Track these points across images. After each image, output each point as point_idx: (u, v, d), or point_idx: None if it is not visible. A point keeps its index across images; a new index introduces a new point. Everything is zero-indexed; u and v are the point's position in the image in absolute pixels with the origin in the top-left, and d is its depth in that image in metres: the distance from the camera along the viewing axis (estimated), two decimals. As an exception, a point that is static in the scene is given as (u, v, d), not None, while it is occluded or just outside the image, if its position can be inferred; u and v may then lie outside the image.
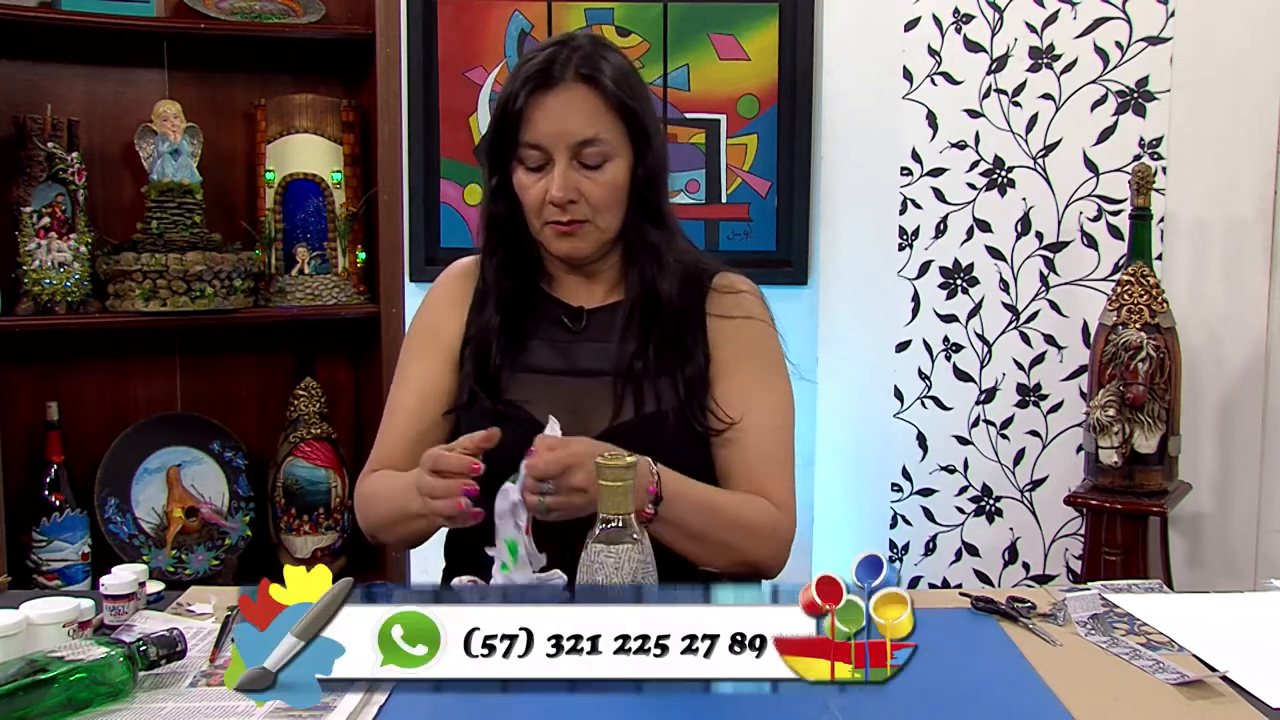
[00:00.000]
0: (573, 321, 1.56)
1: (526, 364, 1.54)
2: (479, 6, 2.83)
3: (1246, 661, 1.23)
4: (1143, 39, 2.62)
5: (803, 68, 2.83)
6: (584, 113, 1.46)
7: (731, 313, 1.56)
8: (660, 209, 1.54)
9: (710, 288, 1.58)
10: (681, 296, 1.54)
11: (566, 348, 1.55)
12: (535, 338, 1.56)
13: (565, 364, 1.54)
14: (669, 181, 1.57)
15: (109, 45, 2.52)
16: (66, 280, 2.40)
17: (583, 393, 1.51)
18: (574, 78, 1.46)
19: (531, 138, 1.46)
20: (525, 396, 1.51)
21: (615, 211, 1.50)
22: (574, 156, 1.46)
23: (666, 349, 1.52)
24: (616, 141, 1.48)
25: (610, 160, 1.47)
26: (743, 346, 1.55)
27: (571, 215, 1.47)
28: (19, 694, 1.08)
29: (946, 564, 2.80)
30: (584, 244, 1.51)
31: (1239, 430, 2.66)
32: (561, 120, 1.45)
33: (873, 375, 2.81)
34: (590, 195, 1.47)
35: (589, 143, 1.45)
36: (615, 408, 1.49)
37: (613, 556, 1.10)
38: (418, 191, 2.83)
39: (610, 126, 1.47)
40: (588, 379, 1.52)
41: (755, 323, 1.57)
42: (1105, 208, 2.66)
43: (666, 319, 1.52)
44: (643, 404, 1.49)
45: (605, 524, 1.11)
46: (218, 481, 2.62)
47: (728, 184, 2.88)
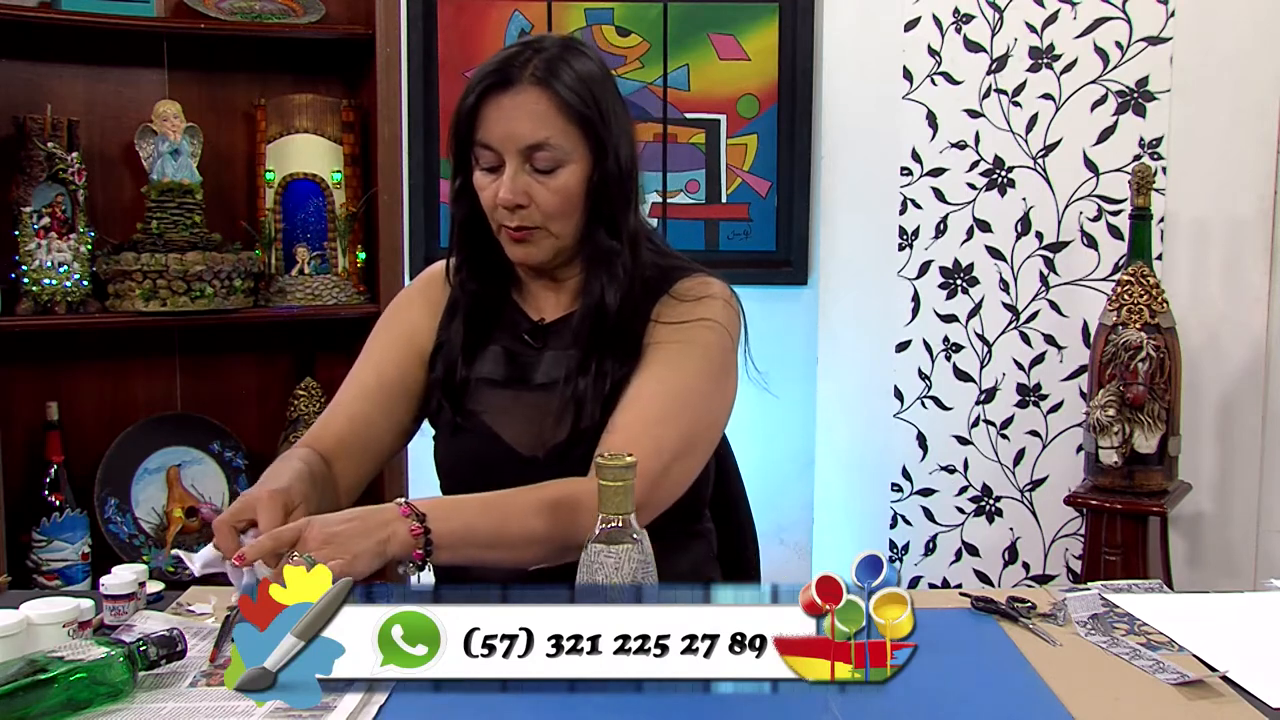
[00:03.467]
0: (532, 337, 1.53)
1: (486, 376, 1.52)
2: (479, 6, 2.84)
3: (1246, 661, 1.23)
4: (1143, 39, 2.62)
5: (803, 68, 2.83)
6: (535, 116, 1.41)
7: (677, 318, 1.49)
8: (617, 219, 1.47)
9: (668, 293, 1.51)
10: (632, 306, 1.48)
11: (525, 360, 1.52)
12: (497, 346, 1.53)
13: (523, 376, 1.51)
14: (639, 190, 1.51)
15: (109, 45, 2.52)
16: (66, 280, 2.40)
17: (539, 404, 1.48)
18: (529, 80, 1.41)
19: (483, 137, 1.43)
20: (483, 407, 1.50)
21: (569, 218, 1.45)
22: (525, 160, 1.42)
23: (609, 358, 1.47)
24: (570, 147, 1.42)
25: (563, 166, 1.42)
26: (664, 336, 1.47)
27: (521, 220, 1.43)
28: (19, 694, 1.08)
29: (946, 564, 2.80)
30: (537, 250, 1.47)
31: (1239, 430, 2.66)
32: (512, 122, 1.41)
33: (873, 375, 2.81)
34: (541, 201, 1.43)
35: (539, 147, 1.41)
36: (569, 419, 1.45)
37: (612, 556, 1.10)
38: (418, 191, 2.83)
39: (563, 132, 1.42)
40: (545, 391, 1.49)
41: (695, 322, 1.47)
42: (1105, 208, 2.66)
43: (613, 330, 1.47)
44: (590, 416, 1.45)
45: (605, 524, 1.11)
46: (218, 481, 2.62)
47: (728, 184, 2.88)
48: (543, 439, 1.47)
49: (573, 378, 1.47)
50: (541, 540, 1.31)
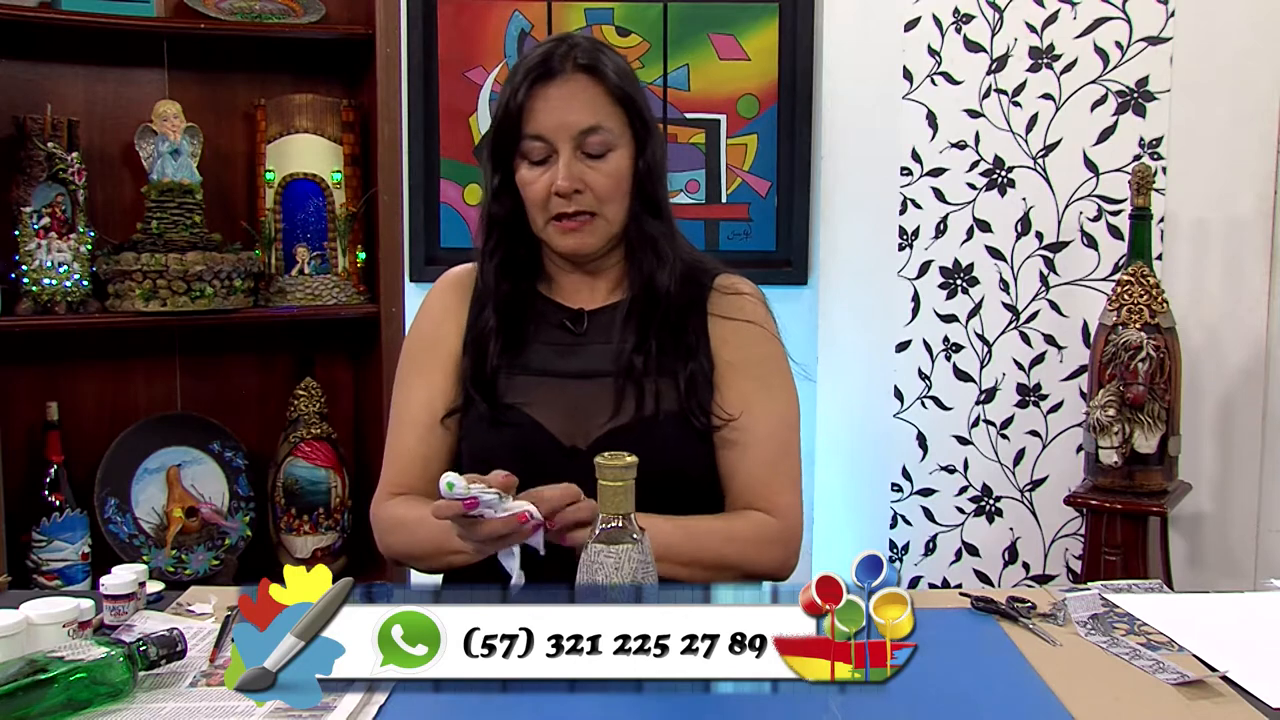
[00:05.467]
0: (574, 324, 1.55)
1: (525, 366, 1.53)
2: (479, 6, 2.83)
3: (1246, 661, 1.23)
4: (1143, 39, 2.62)
5: (803, 68, 2.83)
6: (585, 101, 1.46)
7: (733, 314, 1.55)
8: (660, 202, 1.53)
9: (712, 288, 1.57)
10: (683, 294, 1.53)
11: (568, 350, 1.53)
12: (535, 341, 1.54)
13: (566, 366, 1.52)
14: (667, 175, 1.57)
15: (109, 45, 2.52)
16: (66, 280, 2.40)
17: (583, 395, 1.49)
18: (574, 68, 1.46)
19: (534, 129, 1.46)
20: (524, 399, 1.50)
21: (620, 202, 1.49)
22: (577, 146, 1.45)
23: (668, 346, 1.50)
24: (619, 131, 1.48)
25: (613, 150, 1.47)
26: (744, 352, 1.54)
27: (578, 206, 1.46)
28: (19, 694, 1.08)
29: (946, 564, 2.80)
30: (591, 238, 1.49)
31: (1239, 430, 2.66)
32: (563, 110, 1.45)
33: (873, 375, 2.81)
34: (595, 185, 1.46)
35: (592, 130, 1.45)
36: (614, 409, 1.47)
37: (612, 556, 1.10)
38: (418, 191, 2.83)
39: (612, 115, 1.47)
40: (589, 381, 1.50)
41: (756, 328, 1.56)
42: (1105, 208, 2.66)
43: (666, 315, 1.51)
44: (642, 405, 1.47)
45: (605, 524, 1.11)
46: (218, 481, 2.62)
47: (728, 184, 2.88)
48: (586, 429, 1.47)
49: (628, 367, 1.49)
50: (730, 566, 1.43)
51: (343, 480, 2.65)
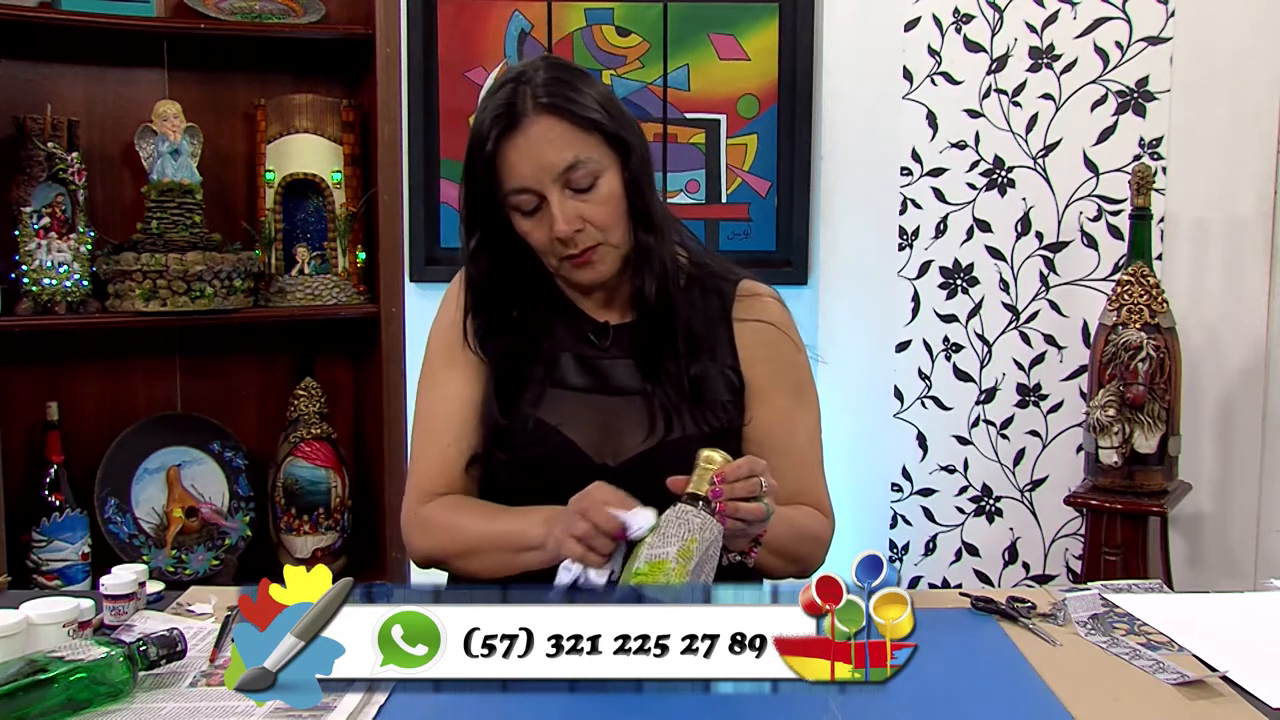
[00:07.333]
0: (598, 337, 1.53)
1: (554, 378, 1.50)
2: (479, 6, 2.83)
3: (1246, 661, 1.23)
4: (1143, 39, 2.62)
5: (803, 68, 2.83)
6: (556, 140, 1.41)
7: (758, 316, 1.56)
8: (648, 209, 1.49)
9: (735, 296, 1.57)
10: (704, 303, 1.53)
11: (593, 363, 1.52)
12: (561, 350, 1.52)
13: (593, 382, 1.51)
14: (654, 178, 1.53)
15: (109, 45, 2.52)
16: (66, 280, 2.40)
17: (613, 411, 1.49)
18: (536, 109, 1.41)
19: (516, 183, 1.42)
20: (557, 416, 1.48)
21: (622, 223, 1.47)
22: (564, 185, 1.42)
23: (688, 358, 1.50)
24: (599, 155, 1.43)
25: (600, 176, 1.43)
26: (776, 362, 1.56)
27: (583, 244, 1.44)
28: (19, 694, 1.09)
29: (946, 564, 2.80)
30: (604, 266, 1.47)
31: (1239, 430, 2.66)
32: (538, 155, 1.41)
33: (873, 375, 2.81)
34: (593, 218, 1.43)
35: (573, 167, 1.41)
36: (647, 430, 1.47)
37: (699, 519, 1.17)
38: (418, 191, 2.83)
39: (588, 144, 1.42)
40: (617, 398, 1.49)
41: (782, 337, 1.58)
42: (1105, 208, 2.66)
43: (685, 327, 1.50)
44: (671, 428, 1.47)
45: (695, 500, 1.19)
46: (218, 481, 2.62)
47: (728, 184, 2.88)
48: (615, 448, 1.47)
49: (654, 388, 1.49)
50: (800, 560, 1.49)
51: (343, 480, 2.65)
